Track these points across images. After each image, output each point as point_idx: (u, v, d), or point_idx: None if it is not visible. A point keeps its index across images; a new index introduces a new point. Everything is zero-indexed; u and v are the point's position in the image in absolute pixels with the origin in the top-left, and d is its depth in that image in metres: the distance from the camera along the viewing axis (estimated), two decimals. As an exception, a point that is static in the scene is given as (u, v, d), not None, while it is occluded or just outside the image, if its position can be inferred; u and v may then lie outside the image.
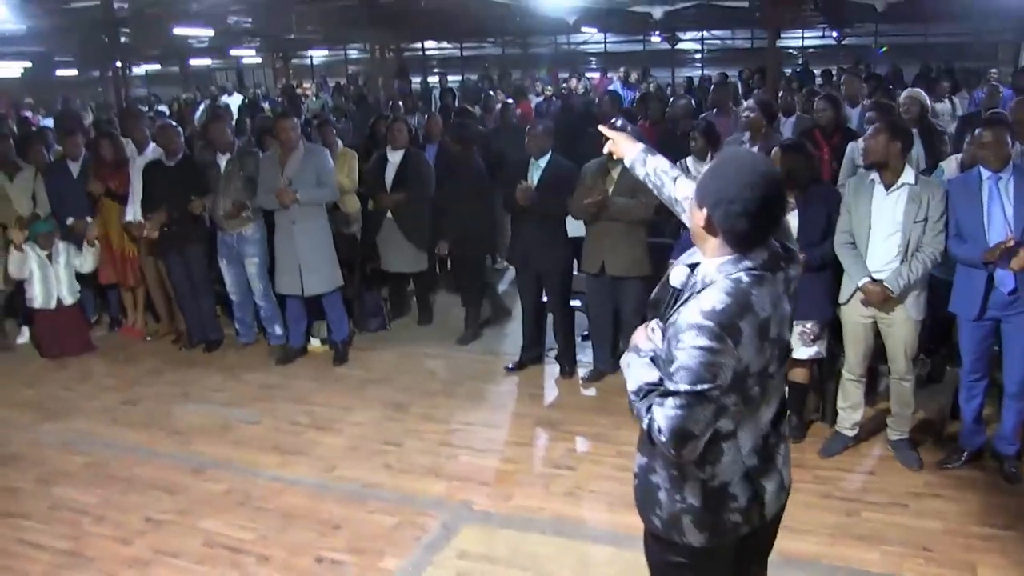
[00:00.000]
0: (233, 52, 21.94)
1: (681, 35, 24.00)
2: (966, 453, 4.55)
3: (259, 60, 25.11)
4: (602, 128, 2.96)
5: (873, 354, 4.65)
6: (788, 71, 17.39)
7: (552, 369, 6.02)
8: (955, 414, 4.86)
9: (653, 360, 2.20)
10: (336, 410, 5.54)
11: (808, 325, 4.55)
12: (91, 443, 5.24)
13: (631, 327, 5.43)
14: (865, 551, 3.85)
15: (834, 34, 22.71)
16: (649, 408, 2.09)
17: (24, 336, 7.16)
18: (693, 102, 7.69)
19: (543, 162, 5.63)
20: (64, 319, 6.83)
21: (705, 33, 24.46)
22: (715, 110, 8.23)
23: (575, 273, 5.94)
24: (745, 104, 6.31)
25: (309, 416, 5.47)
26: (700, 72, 22.08)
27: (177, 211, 6.27)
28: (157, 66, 24.58)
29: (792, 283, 2.23)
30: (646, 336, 2.27)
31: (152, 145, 6.65)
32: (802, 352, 4.57)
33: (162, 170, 6.38)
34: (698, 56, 25.76)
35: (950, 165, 5.31)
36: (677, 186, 2.60)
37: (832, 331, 4.72)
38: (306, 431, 5.26)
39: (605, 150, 2.91)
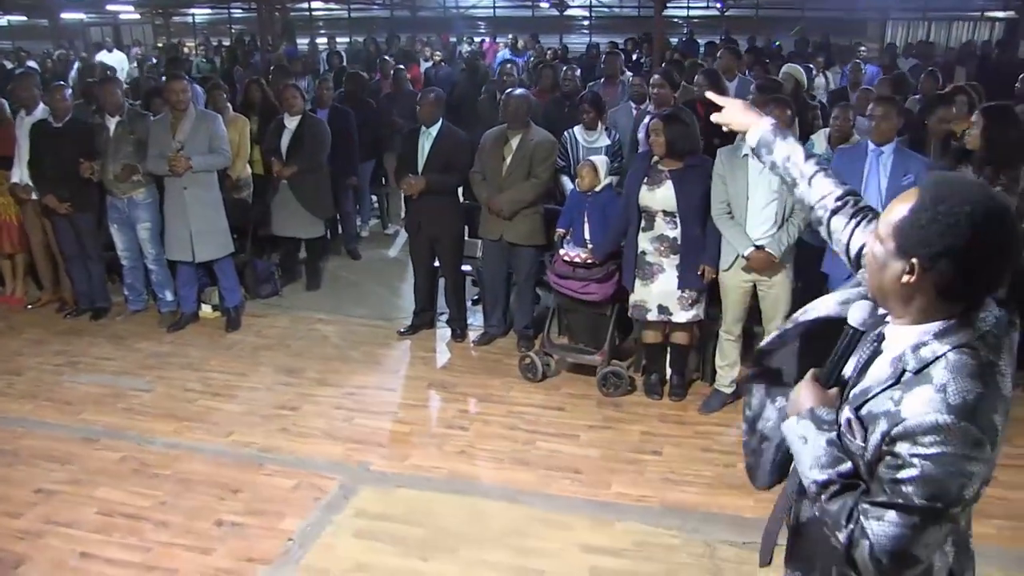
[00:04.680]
0: (109, 7, 20.91)
1: (570, 2, 24.21)
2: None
3: (138, 16, 24.06)
4: (712, 95, 2.35)
5: (749, 316, 4.96)
6: (674, 41, 17.78)
7: (444, 333, 6.17)
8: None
9: (839, 437, 1.72)
10: (231, 376, 5.55)
11: (687, 292, 4.81)
12: (-29, 417, 5.09)
13: (523, 292, 5.67)
14: (740, 498, 4.13)
15: (718, 5, 23.31)
16: (850, 516, 1.65)
17: None
18: (580, 71, 7.88)
19: (434, 131, 5.73)
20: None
21: (593, 0, 24.71)
22: (603, 79, 8.45)
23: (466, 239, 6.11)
24: (653, 79, 6.50)
25: (203, 383, 5.47)
26: (588, 39, 22.30)
27: (64, 173, 6.07)
28: (23, 18, 23.19)
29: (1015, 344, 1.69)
30: (816, 397, 1.77)
31: (41, 105, 6.39)
32: (681, 316, 4.84)
33: (49, 131, 6.14)
34: (586, 23, 26.00)
35: (819, 138, 5.67)
36: (813, 187, 2.08)
37: (708, 295, 4.99)
38: (201, 398, 5.26)
39: (715, 119, 2.30)
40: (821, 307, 1.90)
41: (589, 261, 5.06)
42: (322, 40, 22.35)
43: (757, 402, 2.08)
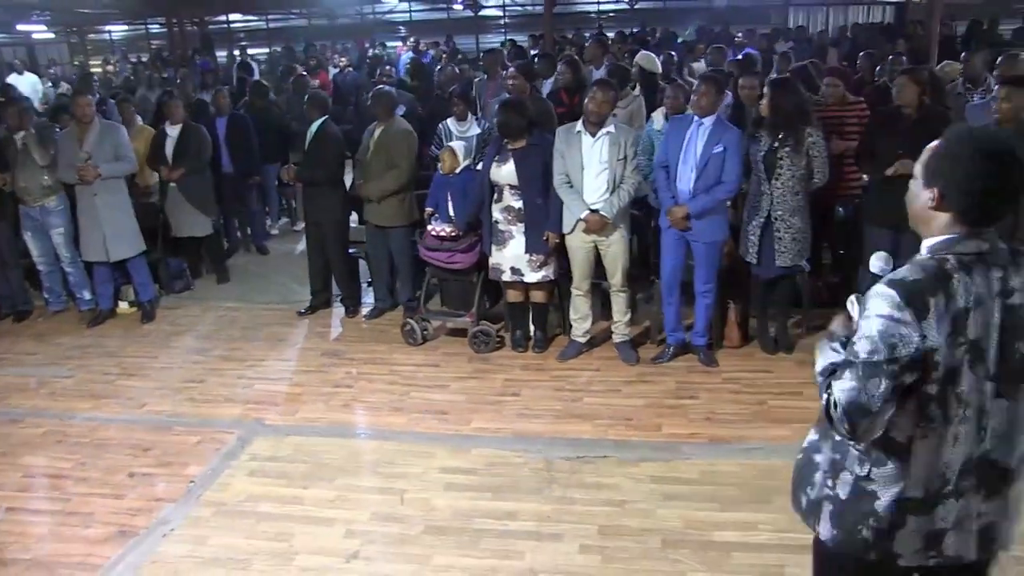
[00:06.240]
0: (20, 27, 20.98)
1: (483, 2, 24.87)
2: (672, 348, 5.68)
3: (52, 35, 24.11)
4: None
5: (597, 273, 5.68)
6: (588, 35, 18.55)
7: (340, 311, 6.84)
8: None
9: (844, 345, 2.12)
10: (144, 359, 6.16)
11: (535, 255, 5.53)
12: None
13: (403, 268, 6.34)
14: (581, 425, 4.90)
15: (626, -2, 24.18)
16: (829, 385, 2.05)
17: None
18: (457, 69, 8.58)
19: (313, 128, 6.41)
20: None
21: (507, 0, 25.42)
22: (487, 75, 9.14)
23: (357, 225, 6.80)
24: (507, 72, 7.22)
25: (119, 367, 6.06)
26: (504, 38, 22.99)
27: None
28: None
29: (1012, 294, 2.01)
30: (841, 323, 2.18)
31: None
32: (532, 276, 5.59)
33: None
34: (501, 22, 26.67)
35: (657, 116, 6.43)
36: None
37: (564, 257, 5.70)
38: (117, 379, 5.86)
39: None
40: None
41: (453, 234, 5.76)
42: (250, 51, 22.74)
43: None
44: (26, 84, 13.33)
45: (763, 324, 5.75)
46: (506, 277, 5.61)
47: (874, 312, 1.95)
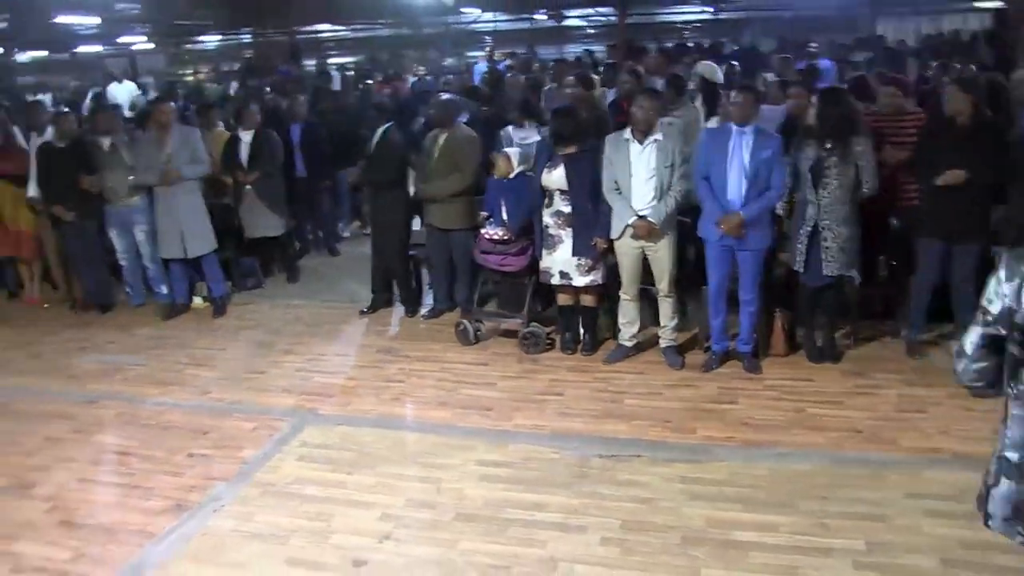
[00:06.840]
0: (122, 39, 22.12)
1: (568, 12, 25.04)
2: (716, 357, 5.74)
3: (152, 46, 25.26)
4: None
5: (645, 279, 5.79)
6: (669, 45, 18.59)
7: (400, 311, 7.10)
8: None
9: None
10: (213, 351, 6.53)
11: (583, 260, 5.67)
12: (-5, 391, 6.06)
13: (462, 270, 6.56)
14: (619, 425, 5.02)
15: (710, 8, 24.06)
16: None
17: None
18: (524, 78, 8.81)
19: (379, 133, 6.70)
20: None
21: (591, 10, 25.52)
22: (556, 84, 9.33)
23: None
24: (566, 81, 7.40)
25: (189, 357, 6.44)
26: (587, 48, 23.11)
27: (68, 186, 7.07)
28: (45, 53, 24.41)
29: None
30: None
31: (49, 128, 7.48)
32: (580, 280, 5.73)
33: (54, 151, 7.20)
34: (584, 32, 26.78)
35: (711, 124, 6.51)
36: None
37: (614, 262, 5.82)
38: (186, 368, 6.23)
39: None
40: None
41: (506, 237, 5.95)
42: (338, 60, 23.42)
43: None
44: (124, 92, 14.12)
45: (809, 333, 5.76)
46: (555, 280, 5.77)
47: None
